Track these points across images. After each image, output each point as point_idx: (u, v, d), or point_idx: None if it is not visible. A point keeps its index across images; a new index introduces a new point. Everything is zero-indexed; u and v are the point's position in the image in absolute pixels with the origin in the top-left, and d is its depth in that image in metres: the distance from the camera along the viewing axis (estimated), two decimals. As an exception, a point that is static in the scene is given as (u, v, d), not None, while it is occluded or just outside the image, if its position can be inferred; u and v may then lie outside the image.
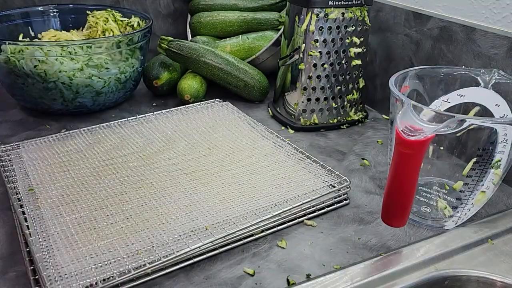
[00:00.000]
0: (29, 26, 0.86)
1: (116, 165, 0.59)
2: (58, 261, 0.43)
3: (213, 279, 0.44)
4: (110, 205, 0.52)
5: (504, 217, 0.53)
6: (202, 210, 0.51)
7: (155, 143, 0.65)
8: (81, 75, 0.71)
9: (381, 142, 0.72)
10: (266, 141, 0.66)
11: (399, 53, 0.76)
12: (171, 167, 0.59)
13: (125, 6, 1.04)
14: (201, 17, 0.98)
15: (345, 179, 0.56)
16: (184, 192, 0.54)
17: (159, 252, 0.45)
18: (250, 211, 0.51)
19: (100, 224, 0.48)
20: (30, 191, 0.53)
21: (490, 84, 0.52)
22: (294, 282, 0.44)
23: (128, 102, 0.83)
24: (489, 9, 0.63)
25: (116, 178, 0.57)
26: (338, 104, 0.74)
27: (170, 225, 0.49)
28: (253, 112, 0.80)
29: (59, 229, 0.48)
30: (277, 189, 0.55)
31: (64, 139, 0.65)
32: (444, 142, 0.55)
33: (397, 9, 0.75)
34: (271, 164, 0.60)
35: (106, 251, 0.45)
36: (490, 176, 0.48)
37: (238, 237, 0.49)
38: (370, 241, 0.50)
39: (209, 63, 0.81)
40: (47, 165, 0.59)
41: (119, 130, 0.69)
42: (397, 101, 0.47)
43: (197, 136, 0.67)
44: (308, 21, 0.69)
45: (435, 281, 0.45)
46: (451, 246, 0.48)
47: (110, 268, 0.43)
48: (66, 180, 0.56)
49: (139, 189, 0.55)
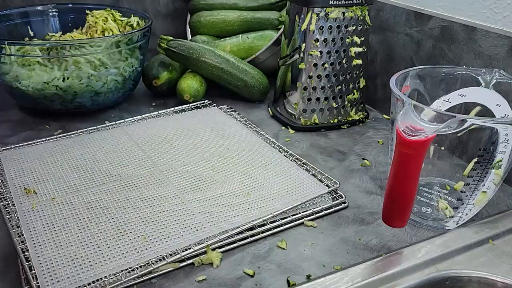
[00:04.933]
0: (28, 25, 0.86)
1: (114, 165, 0.59)
2: (52, 263, 0.43)
3: (213, 280, 0.44)
4: (109, 206, 0.51)
5: (505, 217, 0.53)
6: (200, 210, 0.51)
7: (152, 145, 0.65)
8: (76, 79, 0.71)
9: (382, 142, 0.72)
10: (260, 145, 0.66)
11: (400, 52, 0.76)
12: (171, 170, 0.59)
13: (125, 5, 1.03)
14: (201, 16, 0.98)
15: (335, 181, 0.57)
16: (183, 193, 0.54)
17: (162, 251, 0.45)
18: (249, 212, 0.51)
19: (99, 225, 0.48)
20: (25, 191, 0.53)
21: (491, 84, 0.52)
22: (294, 283, 0.44)
23: (128, 102, 0.83)
24: (490, 9, 0.63)
25: (115, 180, 0.56)
26: (339, 104, 0.74)
27: (170, 225, 0.49)
28: (253, 112, 0.80)
29: (54, 228, 0.47)
30: (269, 192, 0.55)
31: (61, 140, 0.65)
32: (445, 142, 0.54)
33: (398, 8, 0.75)
34: (265, 169, 0.60)
35: (107, 251, 0.45)
36: (491, 176, 0.48)
37: (238, 237, 0.49)
38: (370, 241, 0.50)
39: (209, 63, 0.81)
40: (45, 166, 0.59)
41: (118, 132, 0.68)
42: (398, 101, 0.47)
43: (192, 141, 0.67)
44: (308, 21, 0.68)
45: (436, 282, 0.45)
46: (452, 246, 0.48)
47: (112, 267, 0.43)
48: (62, 182, 0.56)
49: (138, 189, 0.55)
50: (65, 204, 0.51)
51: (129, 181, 0.56)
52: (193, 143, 0.65)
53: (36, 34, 0.86)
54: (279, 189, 0.55)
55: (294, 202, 0.53)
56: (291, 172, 0.59)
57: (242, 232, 0.49)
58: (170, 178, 0.57)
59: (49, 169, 0.58)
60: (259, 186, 0.56)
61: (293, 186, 0.56)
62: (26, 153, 0.62)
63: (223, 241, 0.48)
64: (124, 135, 0.67)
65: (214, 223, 0.49)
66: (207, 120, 0.73)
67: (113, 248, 0.45)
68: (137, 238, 0.47)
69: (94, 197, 0.53)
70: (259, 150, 0.64)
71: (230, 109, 0.78)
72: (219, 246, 0.47)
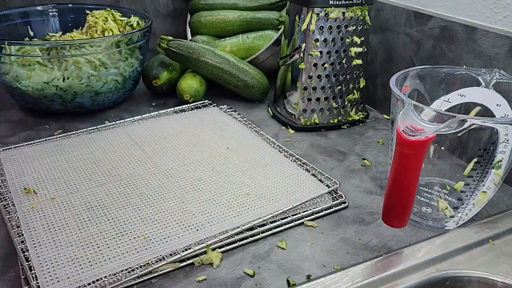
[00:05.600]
0: (28, 25, 0.86)
1: (114, 165, 0.59)
2: (52, 263, 0.43)
3: (213, 280, 0.44)
4: (109, 206, 0.51)
5: (505, 217, 0.53)
6: (200, 210, 0.51)
7: (152, 145, 0.65)
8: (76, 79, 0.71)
9: (382, 142, 0.72)
10: (260, 145, 0.66)
11: (400, 52, 0.76)
12: (171, 170, 0.59)
13: (125, 5, 1.03)
14: (201, 16, 0.98)
15: (335, 181, 0.57)
16: (183, 193, 0.54)
17: (162, 251, 0.45)
18: (249, 212, 0.51)
19: (99, 225, 0.48)
20: (25, 191, 0.53)
21: (491, 84, 0.52)
22: (294, 283, 0.44)
23: (128, 102, 0.83)
24: (490, 9, 0.63)
25: (115, 180, 0.56)
26: (339, 104, 0.74)
27: (170, 225, 0.49)
28: (253, 112, 0.80)
29: (54, 228, 0.47)
30: (269, 192, 0.55)
31: (61, 140, 0.65)
32: (445, 142, 0.54)
33: (398, 8, 0.75)
34: (265, 169, 0.60)
35: (107, 251, 0.45)
36: (491, 176, 0.48)
37: (238, 237, 0.49)
38: (370, 241, 0.50)
39: (209, 63, 0.81)
40: (45, 166, 0.59)
41: (118, 132, 0.68)
42: (398, 101, 0.47)
43: (192, 141, 0.67)
44: (308, 21, 0.68)
45: (436, 282, 0.45)
46: (452, 246, 0.48)
47: (113, 267, 0.43)
48: (62, 182, 0.56)
49: (138, 189, 0.55)
50: (65, 204, 0.51)
51: (129, 181, 0.56)
52: (193, 143, 0.65)
53: (36, 34, 0.86)
54: (279, 189, 0.55)
55: (294, 202, 0.53)
56: (291, 172, 0.59)
57: (242, 232, 0.49)
58: (170, 178, 0.57)
59: (49, 169, 0.58)
60: (259, 186, 0.56)
61: (293, 186, 0.56)
62: (26, 153, 0.62)
63: (223, 241, 0.48)
64: (124, 135, 0.67)
65: (214, 223, 0.49)
66: (207, 120, 0.73)
67: (113, 248, 0.45)
68: (137, 238, 0.47)
69: (94, 197, 0.53)
70: (259, 150, 0.64)
71: (230, 109, 0.78)
72: (219, 246, 0.47)
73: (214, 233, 0.48)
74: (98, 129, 0.69)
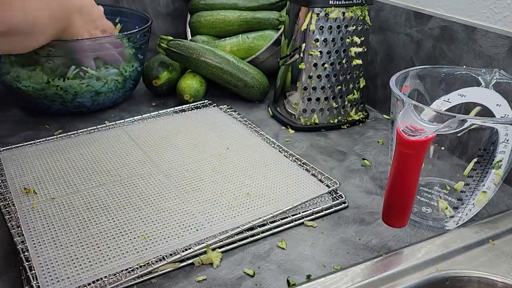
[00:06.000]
0: (29, 25, 0.85)
1: (114, 165, 0.59)
2: (52, 263, 0.43)
3: (213, 280, 0.44)
4: (109, 206, 0.51)
5: (505, 217, 0.53)
6: (200, 210, 0.51)
7: (152, 145, 0.65)
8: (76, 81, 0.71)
9: (382, 142, 0.72)
10: (260, 145, 0.66)
11: (400, 52, 0.76)
12: (171, 170, 0.59)
13: (125, 5, 1.03)
14: (201, 16, 0.98)
15: (335, 181, 0.57)
16: (183, 193, 0.54)
17: (162, 251, 0.45)
18: (249, 212, 0.51)
19: (99, 225, 0.48)
20: (25, 191, 0.53)
21: (491, 84, 0.52)
22: (294, 283, 0.44)
23: (128, 102, 0.83)
24: (490, 9, 0.63)
25: (115, 180, 0.56)
26: (339, 104, 0.74)
27: (170, 225, 0.49)
28: (253, 112, 0.80)
29: (54, 228, 0.47)
30: (269, 192, 0.55)
31: (61, 140, 0.65)
32: (445, 142, 0.54)
33: (398, 8, 0.75)
34: (265, 169, 0.60)
35: (107, 251, 0.45)
36: (491, 176, 0.48)
37: (238, 237, 0.49)
38: (370, 241, 0.50)
39: (209, 63, 0.81)
40: (45, 166, 0.59)
41: (118, 132, 0.68)
42: (398, 101, 0.47)
43: (192, 141, 0.67)
44: (308, 21, 0.68)
45: (436, 282, 0.45)
46: (452, 246, 0.48)
47: (113, 267, 0.43)
48: (62, 182, 0.56)
49: (138, 189, 0.55)
50: (65, 204, 0.51)
51: (129, 181, 0.56)
52: (193, 143, 0.65)
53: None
54: (279, 189, 0.55)
55: (294, 202, 0.53)
56: (291, 172, 0.59)
57: (242, 232, 0.49)
58: (170, 178, 0.57)
59: (49, 169, 0.58)
60: (259, 186, 0.56)
61: (293, 186, 0.56)
62: (26, 153, 0.62)
63: (223, 241, 0.48)
64: (124, 135, 0.67)
65: (214, 223, 0.49)
66: (207, 120, 0.73)
67: (113, 248, 0.45)
68: (137, 238, 0.47)
69: (94, 197, 0.53)
70: (259, 150, 0.64)
71: (230, 109, 0.78)
72: (219, 246, 0.47)
73: (214, 233, 0.48)
74: (98, 129, 0.69)
